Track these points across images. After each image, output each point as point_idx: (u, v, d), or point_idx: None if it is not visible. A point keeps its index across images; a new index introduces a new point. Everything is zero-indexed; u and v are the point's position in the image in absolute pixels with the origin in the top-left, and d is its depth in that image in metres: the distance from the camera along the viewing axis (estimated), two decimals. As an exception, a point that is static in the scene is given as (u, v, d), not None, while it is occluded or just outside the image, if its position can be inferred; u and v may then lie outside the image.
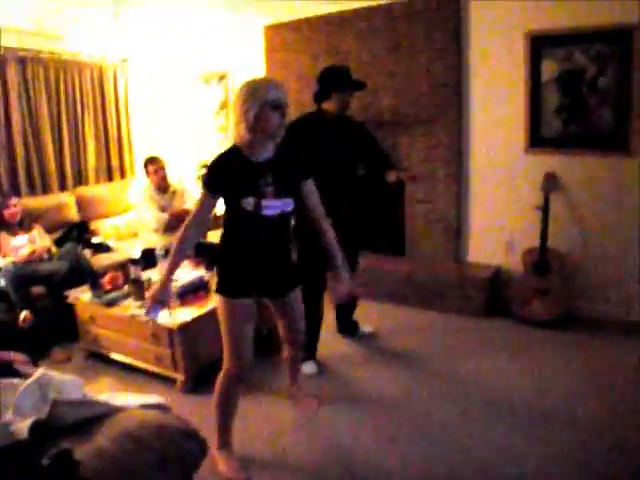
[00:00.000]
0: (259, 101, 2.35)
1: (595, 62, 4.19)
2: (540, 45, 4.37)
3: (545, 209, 4.34)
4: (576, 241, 4.45)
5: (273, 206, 2.46)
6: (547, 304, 4.32)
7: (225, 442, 2.79)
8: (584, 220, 4.42)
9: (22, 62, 5.24)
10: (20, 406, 1.96)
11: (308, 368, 3.77)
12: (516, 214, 4.65)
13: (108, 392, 3.22)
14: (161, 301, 2.57)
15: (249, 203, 2.40)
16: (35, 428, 1.83)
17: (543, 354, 3.90)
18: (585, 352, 3.89)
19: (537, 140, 4.52)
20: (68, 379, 2.13)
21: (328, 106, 3.62)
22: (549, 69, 4.38)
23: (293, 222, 2.87)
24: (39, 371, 2.10)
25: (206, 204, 2.50)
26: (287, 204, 2.53)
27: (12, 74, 5.15)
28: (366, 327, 4.34)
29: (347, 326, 4.31)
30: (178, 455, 1.89)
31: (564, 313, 4.29)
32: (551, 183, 4.38)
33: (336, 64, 3.97)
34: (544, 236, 4.33)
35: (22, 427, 1.84)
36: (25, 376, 2.59)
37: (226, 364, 2.67)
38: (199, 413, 3.09)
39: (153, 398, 2.20)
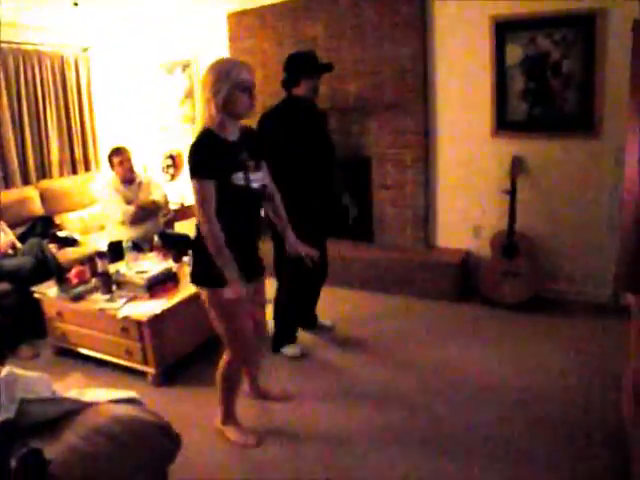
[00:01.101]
0: (230, 82, 2.38)
1: (559, 46, 4.22)
2: (504, 30, 4.39)
3: (512, 192, 4.37)
4: (544, 224, 4.50)
5: (258, 179, 2.54)
6: (516, 287, 4.36)
7: (230, 416, 2.91)
8: (551, 203, 4.47)
9: (-21, 53, 5.10)
10: (-14, 406, 1.91)
11: (291, 350, 3.79)
12: (484, 198, 4.68)
13: (78, 388, 3.18)
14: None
15: (239, 178, 2.43)
16: (2, 429, 1.78)
17: (515, 336, 3.95)
18: (555, 333, 3.95)
19: (503, 124, 4.54)
20: (36, 377, 2.08)
21: (298, 92, 3.58)
22: (514, 53, 4.39)
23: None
24: (5, 369, 2.05)
25: (210, 192, 2.40)
26: (265, 177, 2.62)
27: (-31, 65, 5.01)
28: (326, 321, 4.23)
29: (307, 319, 4.16)
30: (151, 449, 1.87)
31: (533, 295, 4.34)
32: (518, 166, 4.41)
33: (302, 49, 3.94)
34: (512, 219, 4.36)
35: (-12, 428, 1.79)
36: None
37: (230, 353, 2.71)
38: (172, 406, 3.07)
39: (124, 393, 2.16)
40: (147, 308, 3.46)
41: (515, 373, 3.42)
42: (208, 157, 2.40)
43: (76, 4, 3.63)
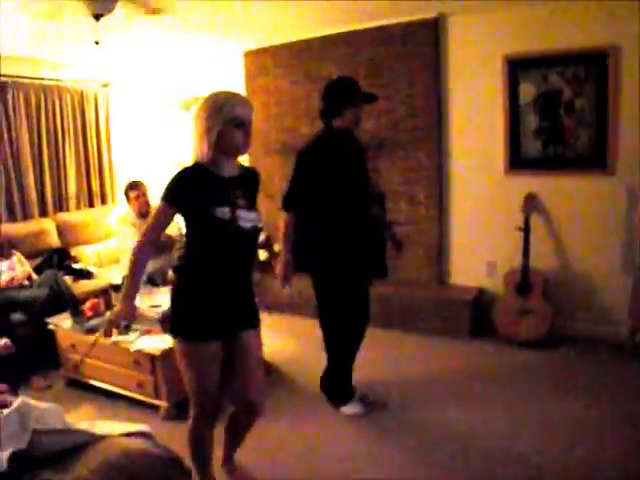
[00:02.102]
0: (223, 118, 2.23)
1: (571, 84, 4.27)
2: (517, 68, 4.46)
3: (526, 230, 4.38)
4: (558, 261, 4.50)
5: (248, 218, 2.32)
6: (531, 324, 4.33)
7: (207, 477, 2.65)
8: (565, 240, 4.47)
9: (2, 88, 5.21)
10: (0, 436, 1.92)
11: (350, 409, 3.50)
12: (497, 235, 4.69)
13: (89, 420, 3.17)
14: (126, 324, 2.44)
15: (224, 212, 2.24)
16: (14, 458, 1.78)
17: (530, 379, 3.87)
18: (569, 374, 3.89)
19: (517, 162, 4.58)
20: (48, 407, 2.09)
21: (340, 123, 3.25)
22: (527, 91, 4.45)
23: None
24: (19, 400, 2.06)
25: (164, 219, 2.31)
26: (258, 219, 2.40)
27: (-8, 100, 5.13)
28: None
29: (334, 386, 3.64)
30: (161, 483, 1.86)
31: (549, 333, 4.30)
32: (531, 204, 4.42)
33: (343, 75, 3.65)
34: (526, 256, 4.36)
35: (0, 458, 1.79)
36: (5, 406, 2.55)
37: (195, 409, 2.50)
38: (182, 441, 3.04)
39: (136, 426, 2.15)
40: (160, 342, 3.47)
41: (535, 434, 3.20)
42: (185, 186, 2.26)
43: (97, 42, 3.72)
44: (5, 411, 2.04)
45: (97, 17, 3.39)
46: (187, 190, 2.25)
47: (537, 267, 4.39)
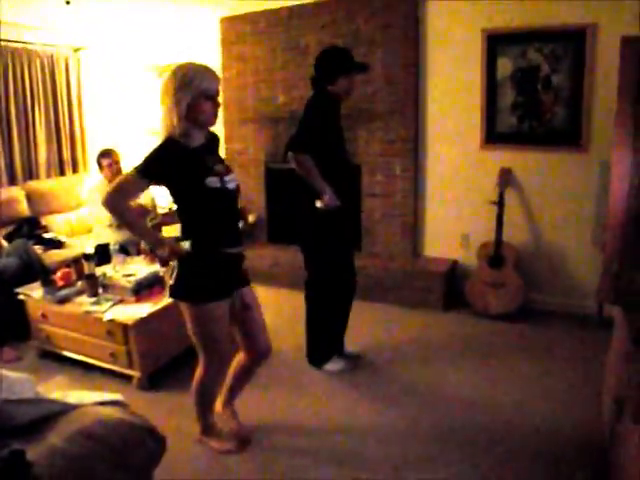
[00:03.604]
0: (192, 91, 2.28)
1: (549, 60, 4.27)
2: (496, 43, 4.44)
3: (500, 204, 4.41)
4: (530, 235, 4.55)
5: (232, 179, 2.47)
6: (502, 297, 4.38)
7: (208, 425, 2.85)
8: (538, 214, 4.52)
9: (-33, 51, 5.06)
10: (-33, 407, 1.88)
11: (334, 365, 3.67)
12: (472, 209, 4.72)
13: (63, 391, 3.14)
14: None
15: (214, 181, 2.36)
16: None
17: (500, 349, 3.96)
18: (540, 346, 3.97)
19: (492, 136, 4.59)
20: (18, 377, 2.05)
21: (333, 89, 3.29)
22: (504, 66, 4.45)
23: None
24: (-13, 370, 2.03)
25: (135, 188, 2.41)
26: (236, 177, 2.54)
27: (-43, 63, 4.97)
28: (352, 349, 3.89)
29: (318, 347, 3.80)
30: (137, 451, 1.84)
31: (520, 306, 4.36)
32: (506, 178, 4.45)
33: (336, 45, 3.69)
34: (499, 230, 4.40)
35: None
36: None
37: (203, 364, 2.64)
38: (157, 410, 3.05)
39: (109, 395, 2.14)
40: (133, 312, 3.44)
41: (503, 392, 3.38)
42: (162, 162, 2.33)
43: (68, 2, 3.60)
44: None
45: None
46: (168, 166, 2.32)
47: (510, 241, 4.44)
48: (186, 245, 2.42)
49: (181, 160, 2.32)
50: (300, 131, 3.27)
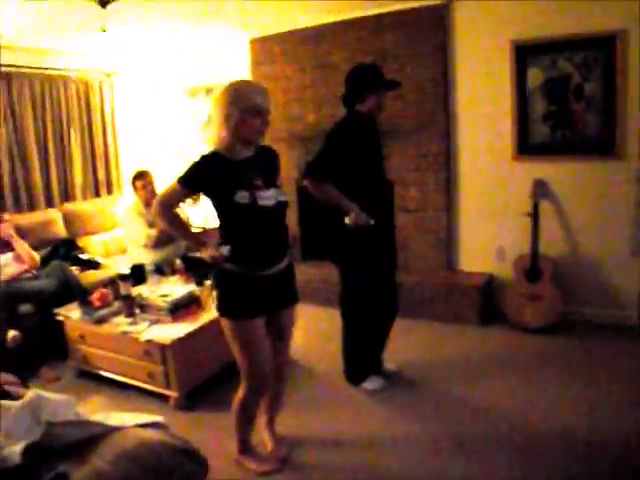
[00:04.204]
0: (242, 107, 2.34)
1: (580, 69, 4.22)
2: (525, 53, 4.40)
3: (535, 216, 4.35)
4: (567, 246, 4.47)
5: (268, 196, 2.43)
6: (540, 310, 4.31)
7: (247, 445, 2.85)
8: (574, 225, 4.44)
9: (7, 78, 5.19)
10: (11, 429, 1.91)
11: (372, 384, 3.60)
12: (506, 221, 4.66)
13: (100, 411, 3.16)
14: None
15: (244, 196, 2.36)
16: (28, 452, 1.77)
17: (539, 362, 3.88)
18: (581, 358, 3.87)
19: (525, 147, 4.54)
20: (61, 399, 2.08)
21: (362, 108, 3.27)
22: (535, 77, 4.40)
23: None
24: (31, 392, 2.05)
25: (177, 196, 2.48)
26: (280, 194, 2.51)
27: (-3, 91, 5.11)
28: (390, 365, 3.82)
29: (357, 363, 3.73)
30: (179, 475, 1.84)
31: (558, 319, 4.28)
32: (540, 190, 4.39)
33: (365, 62, 3.66)
34: (535, 242, 4.33)
35: (14, 451, 1.78)
36: (16, 398, 2.54)
37: (246, 382, 2.64)
38: (194, 431, 3.05)
39: (150, 417, 2.14)
40: (170, 332, 3.46)
41: (542, 407, 3.30)
42: (200, 172, 2.41)
43: (104, 30, 3.70)
44: (18, 403, 2.04)
45: (103, 4, 3.36)
46: (206, 177, 2.40)
47: (546, 252, 4.37)
48: (224, 251, 2.44)
49: (219, 172, 2.38)
50: (318, 156, 3.26)
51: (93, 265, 5.15)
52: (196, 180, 2.41)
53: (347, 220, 3.21)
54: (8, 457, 1.76)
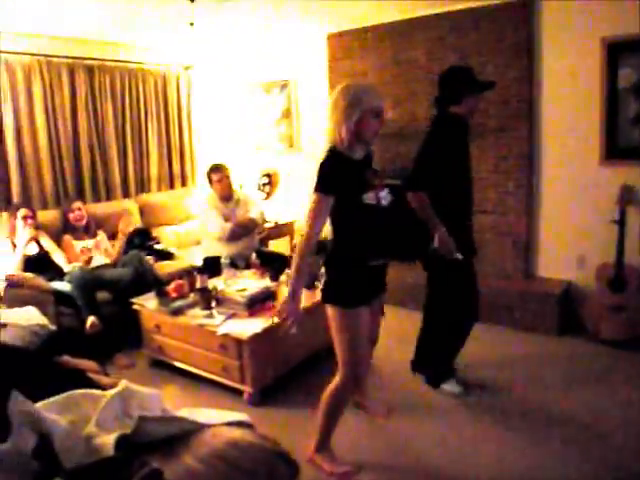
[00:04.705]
0: (363, 107, 2.43)
1: (679, 68, 4.01)
2: (617, 52, 4.21)
3: (621, 223, 4.16)
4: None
5: (385, 196, 2.58)
6: (624, 323, 4.12)
7: (326, 445, 2.83)
8: (663, 235, 4.22)
9: (90, 71, 5.33)
10: (103, 419, 1.93)
11: (453, 387, 3.57)
12: (589, 228, 4.47)
13: (173, 401, 3.19)
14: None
15: (371, 197, 2.49)
16: (120, 444, 1.78)
17: (620, 377, 3.71)
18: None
19: (613, 151, 4.33)
20: (149, 392, 2.09)
21: (457, 110, 3.25)
22: (627, 77, 4.20)
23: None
24: (122, 383, 2.07)
25: (325, 208, 2.48)
26: (389, 193, 2.63)
27: (80, 83, 5.24)
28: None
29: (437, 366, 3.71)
30: (270, 477, 1.82)
31: (642, 333, 4.09)
32: (628, 195, 4.19)
33: (459, 64, 3.65)
34: (620, 251, 4.14)
35: (107, 442, 1.79)
36: (98, 386, 2.59)
37: (343, 375, 2.66)
38: (267, 426, 3.02)
39: (236, 415, 2.13)
40: (247, 326, 3.45)
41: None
42: (335, 176, 2.46)
43: (192, 24, 3.74)
44: (108, 393, 2.06)
45: (192, -1, 3.38)
46: (338, 179, 2.46)
47: (631, 262, 4.17)
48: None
49: (347, 174, 2.47)
50: (417, 166, 3.27)
51: (167, 256, 5.23)
52: (333, 183, 2.46)
53: (435, 243, 3.20)
54: (101, 448, 1.78)
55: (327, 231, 2.63)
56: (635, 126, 4.23)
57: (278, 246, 5.93)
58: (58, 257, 4.51)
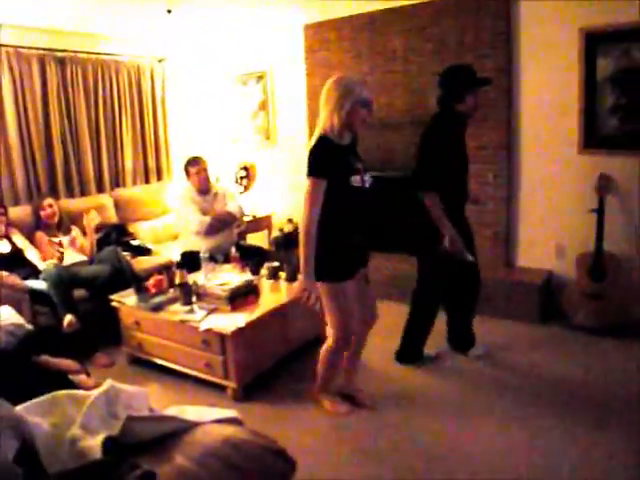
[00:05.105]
0: (354, 99, 2.71)
1: (656, 59, 4.03)
2: (595, 42, 4.22)
3: (600, 211, 4.18)
4: (633, 245, 4.28)
5: (367, 179, 2.87)
6: (604, 310, 4.15)
7: (327, 389, 3.28)
8: (640, 223, 4.26)
9: (61, 62, 5.19)
10: (88, 421, 1.86)
11: (477, 351, 3.89)
12: (568, 217, 4.50)
13: (154, 399, 3.12)
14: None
15: (357, 180, 2.78)
16: (107, 446, 1.72)
17: (599, 362, 3.75)
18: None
19: (591, 140, 4.36)
20: (134, 391, 2.03)
21: (461, 108, 3.39)
22: (605, 67, 4.22)
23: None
24: (107, 383, 2.00)
25: (320, 191, 2.72)
26: (369, 177, 2.91)
27: (52, 75, 5.11)
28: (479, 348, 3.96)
29: (460, 338, 3.96)
30: (266, 474, 1.77)
31: (622, 320, 4.12)
32: (606, 184, 4.21)
33: (459, 63, 3.77)
34: (600, 239, 4.17)
35: (93, 445, 1.73)
36: (79, 386, 2.52)
37: (334, 336, 3.00)
38: (254, 421, 2.98)
39: (225, 411, 2.08)
40: (230, 321, 3.39)
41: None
42: (326, 160, 2.73)
43: (169, 11, 3.67)
44: (91, 394, 1.99)
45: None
46: (329, 162, 2.74)
47: (611, 251, 4.20)
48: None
49: (336, 158, 2.75)
50: (426, 165, 3.40)
51: (143, 251, 5.15)
52: (326, 167, 2.73)
53: (446, 244, 3.34)
54: (87, 450, 1.71)
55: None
56: (613, 115, 4.25)
57: (256, 239, 5.87)
58: (31, 254, 4.40)
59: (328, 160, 2.73)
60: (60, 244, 4.54)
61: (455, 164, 3.46)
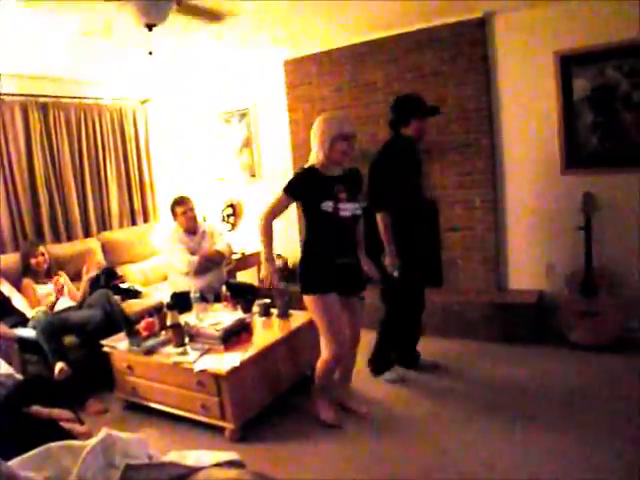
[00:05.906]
0: (333, 134, 3.02)
1: (630, 77, 4.11)
2: (570, 64, 4.32)
3: (587, 229, 4.21)
4: (623, 260, 4.31)
5: (347, 209, 3.09)
6: (598, 327, 4.15)
7: (325, 391, 3.45)
8: (628, 238, 4.28)
9: (44, 108, 5.20)
10: (85, 472, 1.80)
11: (390, 375, 4.02)
12: (556, 236, 4.54)
13: (150, 444, 3.05)
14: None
15: (328, 206, 3.04)
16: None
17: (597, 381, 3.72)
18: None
19: (573, 160, 4.43)
20: (132, 438, 1.97)
21: (407, 132, 3.70)
22: (581, 87, 4.31)
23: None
24: (103, 431, 1.94)
25: (282, 204, 3.15)
26: (357, 208, 3.17)
27: (34, 120, 5.10)
28: (428, 360, 4.20)
29: (408, 356, 4.15)
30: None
31: (617, 336, 4.12)
32: (591, 203, 4.26)
33: (409, 93, 4.00)
34: (589, 256, 4.19)
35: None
36: (74, 436, 2.45)
37: (326, 351, 3.23)
38: (254, 463, 2.92)
39: (226, 454, 2.03)
40: (225, 361, 3.34)
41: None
42: (301, 184, 3.09)
43: (151, 53, 3.72)
44: (88, 443, 1.93)
45: (150, 27, 3.31)
46: (303, 187, 3.09)
47: (601, 267, 4.23)
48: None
49: (312, 184, 3.07)
50: (376, 186, 3.68)
51: (133, 294, 5.09)
52: (297, 189, 3.10)
53: (387, 261, 3.69)
54: (86, 504, 1.66)
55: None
56: (593, 134, 4.33)
57: (246, 276, 5.84)
58: (19, 302, 4.33)
59: (301, 184, 3.09)
60: (50, 293, 4.48)
61: (404, 184, 3.69)
